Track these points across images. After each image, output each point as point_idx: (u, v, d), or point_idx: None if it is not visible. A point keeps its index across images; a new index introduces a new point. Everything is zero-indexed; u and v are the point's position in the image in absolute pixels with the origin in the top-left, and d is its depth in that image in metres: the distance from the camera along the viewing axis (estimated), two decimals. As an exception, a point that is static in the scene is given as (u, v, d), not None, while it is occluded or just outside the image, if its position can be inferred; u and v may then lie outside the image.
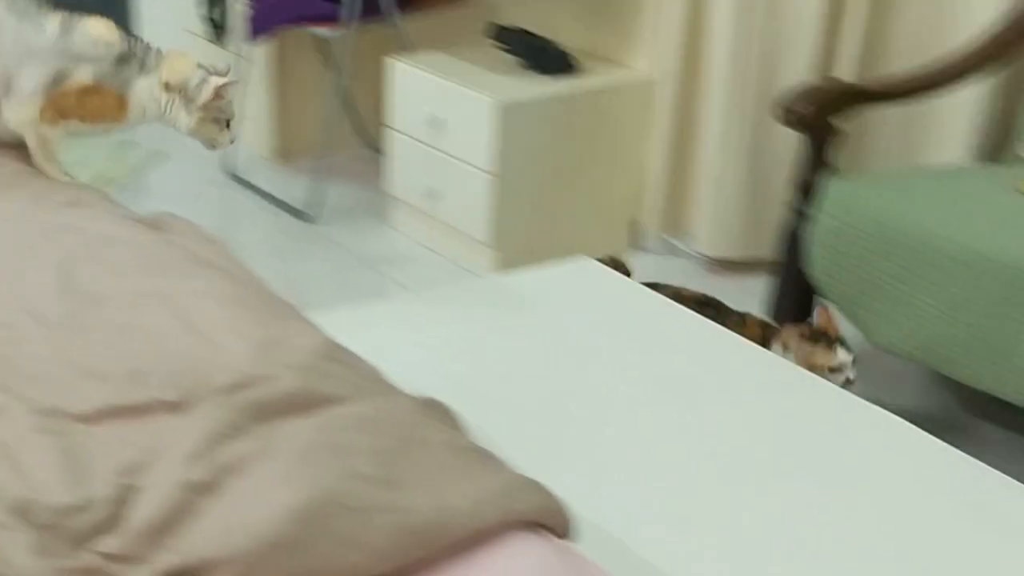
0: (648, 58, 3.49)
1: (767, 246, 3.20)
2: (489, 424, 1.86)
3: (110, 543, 1.16)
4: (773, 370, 2.07)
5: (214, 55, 4.19)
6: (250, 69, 4.15)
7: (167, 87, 2.04)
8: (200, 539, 1.15)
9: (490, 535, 1.27)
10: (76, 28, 2.00)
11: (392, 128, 3.62)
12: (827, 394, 2.00)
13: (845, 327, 2.69)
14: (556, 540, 1.34)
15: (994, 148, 3.03)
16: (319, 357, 1.51)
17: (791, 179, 2.81)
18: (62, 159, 2.06)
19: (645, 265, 3.56)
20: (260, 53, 4.10)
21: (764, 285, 2.85)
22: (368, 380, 1.53)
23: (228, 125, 2.08)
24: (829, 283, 2.65)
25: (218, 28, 4.26)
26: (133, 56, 2.03)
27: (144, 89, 2.03)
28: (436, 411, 1.52)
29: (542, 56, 3.44)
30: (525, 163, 3.36)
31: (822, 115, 2.65)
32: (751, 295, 3.13)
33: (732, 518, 1.66)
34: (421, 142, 3.51)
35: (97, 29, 2.02)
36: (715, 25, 3.27)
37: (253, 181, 4.04)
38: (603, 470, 1.78)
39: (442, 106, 3.41)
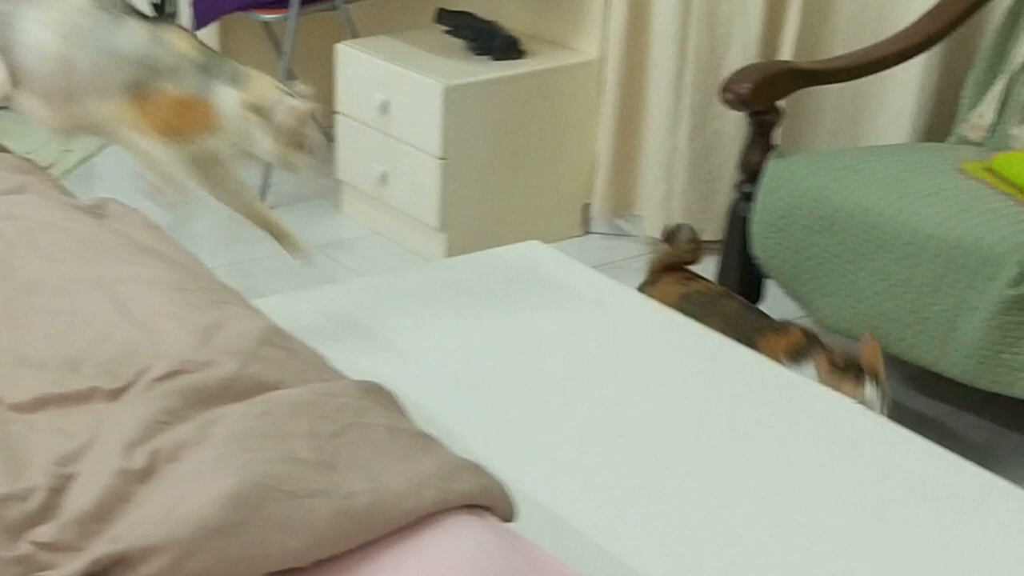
0: (594, 40, 3.49)
1: (715, 227, 3.22)
2: (438, 407, 1.87)
3: (45, 532, 1.16)
4: (721, 353, 2.09)
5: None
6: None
7: (249, 108, 1.99)
8: (135, 526, 1.15)
9: (428, 518, 1.28)
10: (164, 40, 1.97)
11: (341, 113, 3.61)
12: (771, 375, 2.02)
13: (789, 306, 2.72)
14: (496, 521, 1.35)
15: (935, 127, 3.07)
16: (259, 343, 1.51)
17: (736, 160, 2.83)
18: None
19: (593, 247, 3.57)
20: (206, 39, 4.07)
21: (712, 266, 2.86)
22: (309, 365, 1.54)
23: (310, 150, 2.01)
24: (773, 263, 2.67)
25: (164, 15, 4.23)
26: (214, 71, 1.99)
27: (226, 105, 1.99)
28: (377, 395, 1.52)
29: (489, 39, 3.44)
30: (474, 147, 3.36)
31: (765, 96, 2.67)
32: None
33: (675, 496, 1.68)
34: (370, 127, 3.51)
35: (181, 43, 1.99)
36: (659, 7, 3.28)
37: (202, 168, 4.02)
38: (550, 451, 1.79)
39: (390, 90, 3.41)
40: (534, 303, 2.23)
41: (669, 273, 2.66)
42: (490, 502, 1.37)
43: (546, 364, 2.02)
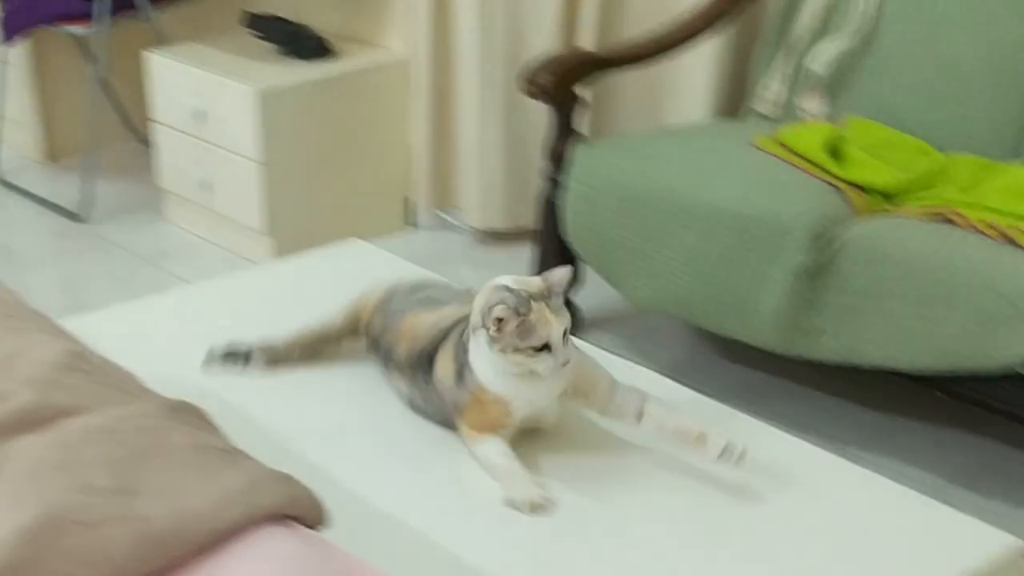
0: (401, 38, 3.54)
1: (530, 215, 3.30)
2: (265, 412, 1.91)
3: None
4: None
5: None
6: (8, 71, 4.06)
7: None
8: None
9: (234, 533, 1.31)
10: None
11: (157, 122, 3.59)
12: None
13: (605, 289, 2.81)
14: (305, 531, 1.38)
15: (731, 105, 3.18)
16: (59, 369, 1.51)
17: (543, 149, 2.90)
18: None
19: (419, 242, 3.62)
20: (18, 54, 4.01)
21: (530, 254, 2.94)
22: (112, 388, 1.54)
23: (544, 349, 1.70)
24: (584, 247, 2.75)
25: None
26: None
27: None
28: (182, 413, 1.53)
29: (298, 42, 3.46)
30: (292, 149, 3.38)
31: (564, 84, 2.74)
32: (520, 265, 3.22)
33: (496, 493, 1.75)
34: (187, 134, 3.50)
35: None
36: (461, 2, 3.33)
37: (21, 184, 3.97)
38: (378, 452, 1.84)
39: (203, 97, 3.40)
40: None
41: None
42: (298, 511, 1.40)
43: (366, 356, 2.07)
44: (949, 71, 2.74)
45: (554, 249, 2.86)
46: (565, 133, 2.78)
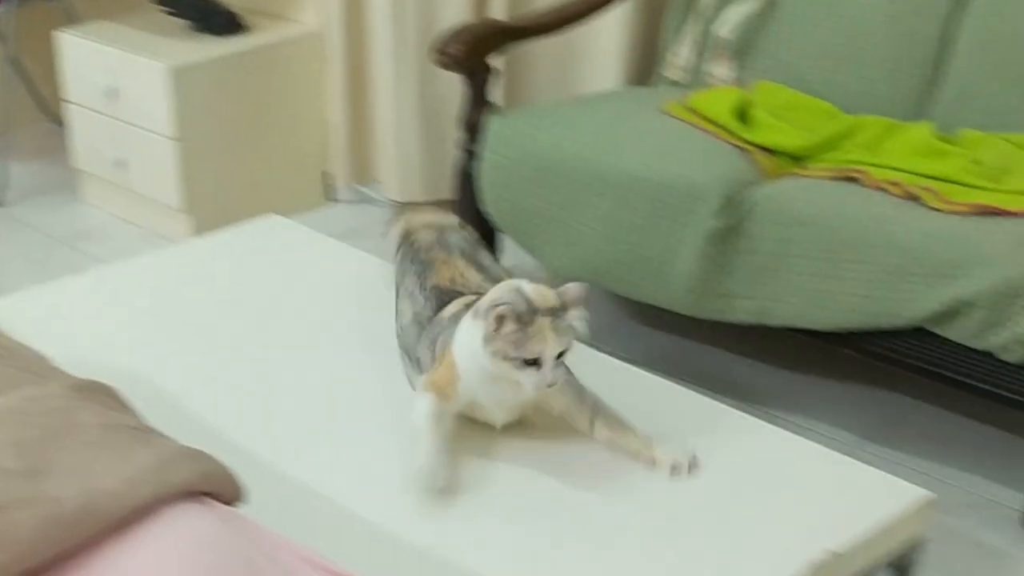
0: (314, 11, 3.52)
1: (449, 187, 3.30)
2: (183, 390, 1.92)
3: None
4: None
5: None
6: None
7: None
8: None
9: (146, 512, 1.31)
10: None
11: (70, 101, 3.55)
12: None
13: (525, 258, 2.82)
14: (221, 507, 1.39)
15: (642, 72, 3.21)
16: (-35, 354, 1.51)
17: (458, 120, 2.91)
18: None
19: (339, 216, 3.62)
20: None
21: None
22: (22, 370, 1.54)
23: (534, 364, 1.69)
24: (501, 217, 2.77)
25: None
26: None
27: None
28: (93, 393, 1.53)
29: (210, 17, 3.43)
30: (207, 125, 3.36)
31: (475, 54, 2.74)
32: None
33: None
34: (100, 113, 3.46)
35: None
36: (373, -27, 3.32)
37: (-68, 169, 3.91)
38: (298, 425, 1.86)
39: (116, 75, 3.37)
40: (274, 276, 2.30)
41: None
42: (212, 487, 1.41)
43: (288, 335, 2.09)
44: (853, 34, 2.78)
45: (472, 220, 2.87)
46: (478, 104, 2.79)
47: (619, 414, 1.78)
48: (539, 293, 1.70)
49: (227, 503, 1.43)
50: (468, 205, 2.86)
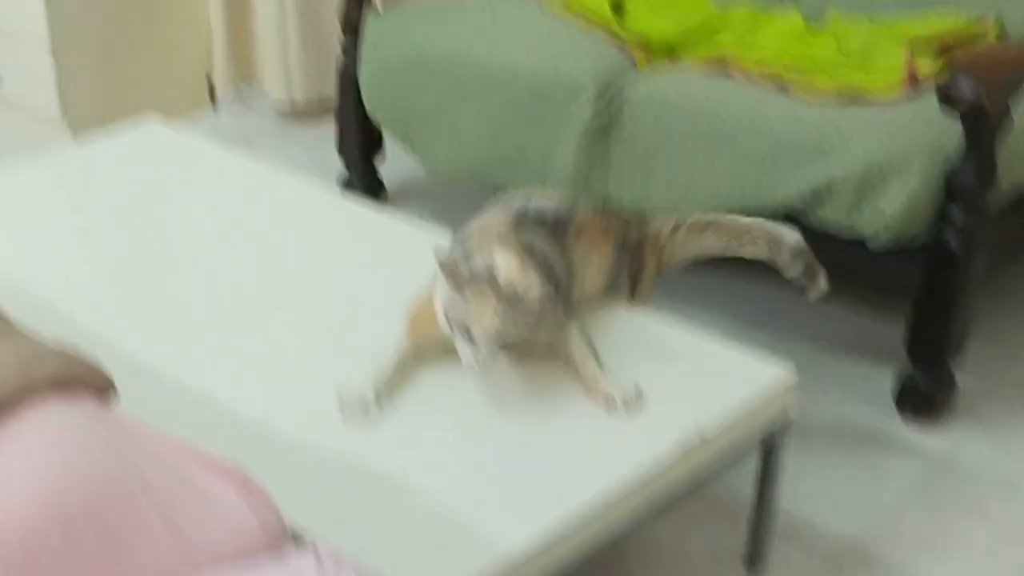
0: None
1: (331, 85, 3.28)
2: (60, 296, 1.90)
3: None
4: (334, 215, 2.21)
5: None
6: None
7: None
8: None
9: (9, 405, 1.30)
10: None
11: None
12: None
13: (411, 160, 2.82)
14: (89, 401, 1.38)
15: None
16: None
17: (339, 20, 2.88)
18: None
19: (222, 121, 3.57)
20: None
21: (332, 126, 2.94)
22: None
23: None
24: (383, 117, 2.76)
25: None
26: None
27: None
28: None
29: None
30: (82, 28, 3.28)
31: (351, -46, 2.72)
32: (326, 141, 3.18)
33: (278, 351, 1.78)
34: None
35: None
36: None
37: None
38: (176, 322, 1.87)
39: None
40: (151, 179, 2.30)
41: None
42: (82, 382, 1.40)
43: (166, 238, 2.10)
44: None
45: (355, 120, 2.87)
46: (358, 3, 2.77)
47: (595, 352, 1.75)
48: (520, 278, 1.60)
49: (100, 398, 1.43)
50: (351, 107, 2.85)
